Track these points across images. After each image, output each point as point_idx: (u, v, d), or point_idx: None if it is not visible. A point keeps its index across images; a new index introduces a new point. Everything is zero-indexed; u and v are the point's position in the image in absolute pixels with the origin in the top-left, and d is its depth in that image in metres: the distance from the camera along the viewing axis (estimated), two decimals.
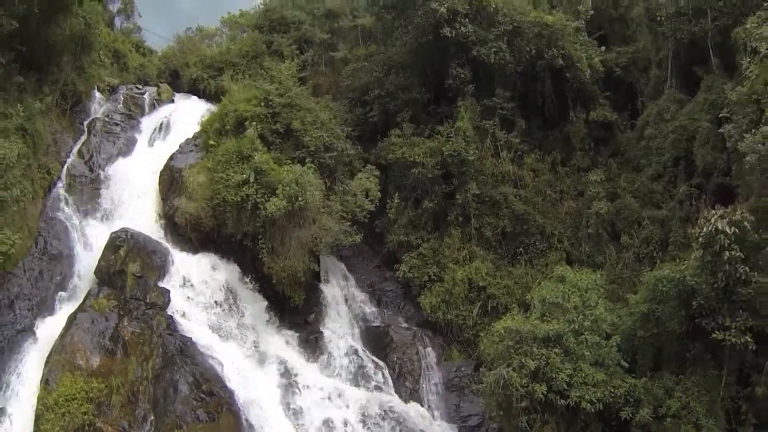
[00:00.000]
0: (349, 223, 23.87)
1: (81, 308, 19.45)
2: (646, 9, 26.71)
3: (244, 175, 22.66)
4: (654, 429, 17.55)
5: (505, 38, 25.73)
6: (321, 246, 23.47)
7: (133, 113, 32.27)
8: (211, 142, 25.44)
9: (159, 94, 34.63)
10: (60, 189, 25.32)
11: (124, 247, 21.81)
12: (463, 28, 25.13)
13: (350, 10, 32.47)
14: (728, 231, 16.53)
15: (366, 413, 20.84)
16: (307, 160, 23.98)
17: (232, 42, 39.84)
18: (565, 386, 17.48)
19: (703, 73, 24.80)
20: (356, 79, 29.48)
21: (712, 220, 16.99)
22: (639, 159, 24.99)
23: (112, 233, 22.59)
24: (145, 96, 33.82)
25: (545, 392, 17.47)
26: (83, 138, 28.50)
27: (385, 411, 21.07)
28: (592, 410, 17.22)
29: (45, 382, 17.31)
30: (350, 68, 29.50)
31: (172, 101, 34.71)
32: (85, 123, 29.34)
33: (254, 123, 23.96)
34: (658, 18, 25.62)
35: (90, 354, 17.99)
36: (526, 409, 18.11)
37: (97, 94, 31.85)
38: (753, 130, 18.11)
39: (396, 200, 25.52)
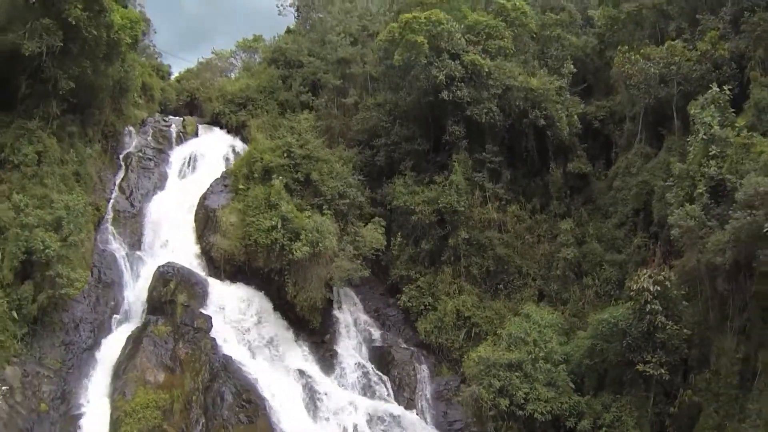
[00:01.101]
0: (359, 261, 30.69)
1: (145, 334, 26.40)
2: (621, 71, 32.88)
3: (273, 222, 29.47)
4: None
5: (495, 99, 32.31)
6: (336, 279, 30.39)
7: (162, 146, 38.91)
8: (241, 186, 32.31)
9: (184, 127, 41.32)
10: (108, 224, 31.88)
11: (174, 280, 28.77)
12: (458, 92, 31.77)
13: (360, 56, 38.96)
14: (651, 289, 23.11)
15: (372, 418, 27.84)
16: (324, 207, 30.89)
17: (248, 72, 46.54)
18: (523, 401, 24.36)
19: (667, 134, 31.09)
20: (365, 123, 36.27)
21: (641, 279, 23.59)
22: (608, 207, 31.56)
23: (159, 267, 29.44)
24: (171, 129, 40.48)
25: (508, 405, 24.33)
26: (122, 173, 35.03)
27: (387, 416, 28.09)
28: (543, 420, 24.04)
29: (122, 393, 24.33)
30: (360, 117, 36.25)
31: (197, 134, 41.48)
32: (121, 157, 35.82)
33: (280, 177, 30.68)
34: (630, 82, 31.88)
35: (156, 371, 25.05)
36: (494, 417, 25.03)
37: (131, 128, 38.47)
38: (685, 204, 24.45)
39: (399, 239, 32.45)
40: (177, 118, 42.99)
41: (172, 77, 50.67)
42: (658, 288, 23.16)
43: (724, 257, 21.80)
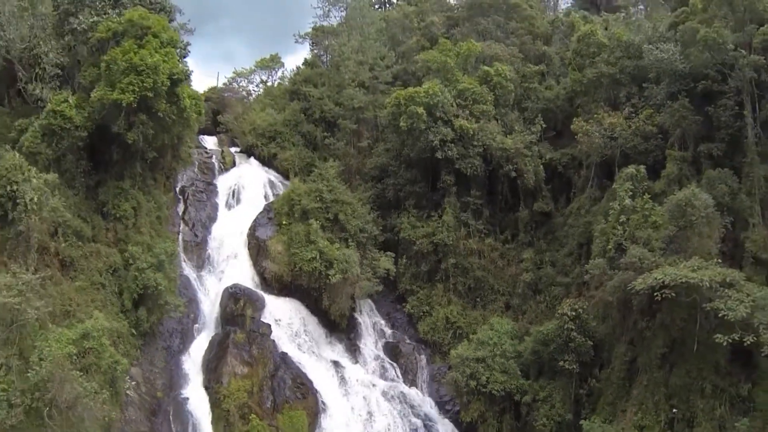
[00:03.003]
0: (376, 280, 47.20)
1: (229, 340, 43.02)
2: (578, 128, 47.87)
3: (313, 254, 45.83)
4: (533, 406, 41.31)
5: (478, 156, 47.81)
6: (358, 293, 47.13)
7: (208, 177, 55.18)
8: (284, 222, 48.69)
9: (224, 158, 57.53)
10: (180, 252, 48.19)
11: (242, 298, 45.55)
12: (449, 152, 47.51)
13: (372, 104, 54.28)
14: (569, 314, 39.41)
15: (386, 394, 45.15)
16: (349, 240, 47.23)
17: (269, 97, 61.96)
18: (486, 382, 41.25)
19: (609, 185, 46.29)
20: (377, 162, 52.09)
21: (564, 307, 39.90)
22: (562, 238, 47.58)
23: (228, 288, 46.01)
24: (213, 160, 56.71)
25: (475, 385, 41.26)
26: (181, 206, 51.05)
27: (397, 393, 45.41)
28: (499, 395, 41.01)
29: (219, 382, 41.36)
30: (373, 162, 52.17)
31: (234, 164, 57.56)
32: (177, 190, 51.58)
33: (316, 219, 46.79)
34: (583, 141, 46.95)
35: (240, 366, 42.18)
36: (467, 393, 42.11)
37: None
38: (598, 256, 40.23)
39: (404, 260, 49.03)
40: (215, 148, 59.11)
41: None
42: (574, 313, 39.52)
43: (614, 297, 38.02)
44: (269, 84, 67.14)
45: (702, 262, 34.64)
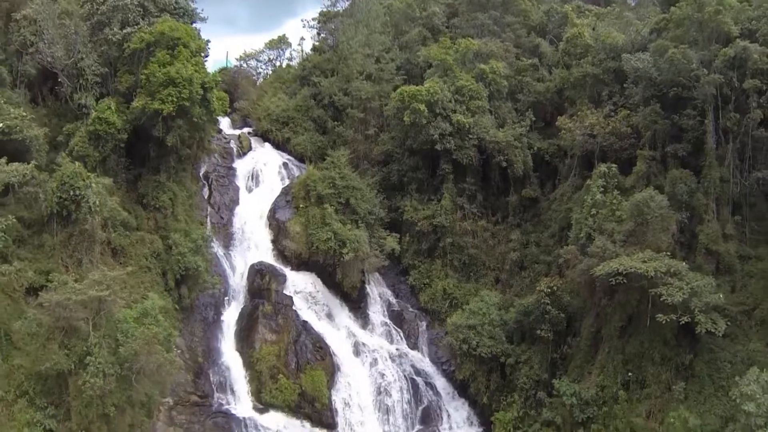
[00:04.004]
0: (382, 256, 55.52)
1: (258, 312, 51.74)
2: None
3: (328, 236, 53.82)
4: (515, 367, 50.07)
5: (473, 147, 55.27)
6: (368, 268, 55.56)
7: (227, 162, 63.05)
8: (301, 206, 56.62)
9: (241, 142, 65.31)
10: (209, 231, 55.94)
11: (268, 274, 54.06)
12: (448, 144, 54.88)
13: (377, 94, 61.36)
14: (545, 290, 47.71)
15: (392, 355, 54.12)
16: (359, 221, 55.31)
17: (279, 81, 69.08)
18: (476, 346, 49.79)
19: (589, 176, 53.77)
20: (383, 147, 59.62)
21: (542, 284, 48.20)
22: (547, 221, 55.38)
23: (254, 264, 54.57)
24: (231, 145, 64.53)
25: (467, 348, 49.82)
26: (206, 191, 59.00)
27: (401, 354, 54.40)
28: (486, 356, 49.67)
29: (252, 348, 50.21)
30: (379, 149, 59.64)
31: (251, 148, 65.36)
32: (201, 175, 59.38)
33: (330, 203, 54.74)
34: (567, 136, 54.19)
35: (270, 334, 50.97)
36: (461, 355, 50.79)
37: None
38: (570, 242, 48.25)
39: (407, 238, 57.09)
40: (232, 131, 66.98)
41: None
42: (549, 290, 47.77)
43: (582, 279, 46.18)
44: (278, 65, 74.53)
45: (653, 254, 42.37)
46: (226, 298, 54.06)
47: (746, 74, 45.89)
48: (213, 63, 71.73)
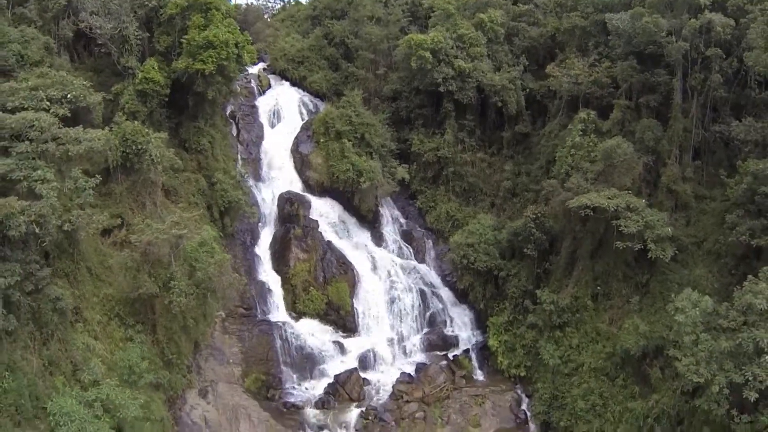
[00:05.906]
0: (394, 183, 66.68)
1: (290, 235, 63.36)
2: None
3: (347, 167, 64.51)
4: (506, 279, 62.31)
5: (472, 89, 65.01)
6: (381, 193, 66.96)
7: (250, 100, 72.71)
8: (321, 140, 67.06)
9: (260, 80, 74.73)
10: (239, 167, 67.27)
11: (296, 202, 65.41)
12: (450, 86, 64.44)
13: (386, 37, 70.14)
14: (531, 216, 59.16)
15: (403, 268, 66.43)
16: (373, 153, 66.05)
17: (292, 20, 77.57)
18: (474, 261, 61.38)
19: (574, 116, 63.76)
20: (392, 86, 69.43)
21: (529, 211, 59.72)
22: (536, 155, 65.55)
23: (283, 193, 65.70)
24: (252, 84, 73.93)
25: (466, 263, 61.48)
26: (234, 129, 69.09)
27: (411, 267, 66.78)
28: (482, 270, 61.72)
29: (287, 266, 62.17)
30: (389, 87, 69.31)
31: (270, 86, 74.88)
32: (228, 114, 69.37)
33: (347, 138, 65.23)
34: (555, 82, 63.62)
35: (301, 253, 62.76)
36: (461, 269, 62.72)
37: None
38: (554, 177, 59.17)
39: (415, 167, 67.94)
40: (252, 70, 75.72)
41: None
42: (534, 216, 59.17)
43: (560, 208, 57.48)
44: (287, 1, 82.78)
45: (617, 192, 52.79)
46: (260, 224, 65.27)
47: (711, 42, 54.25)
48: None
